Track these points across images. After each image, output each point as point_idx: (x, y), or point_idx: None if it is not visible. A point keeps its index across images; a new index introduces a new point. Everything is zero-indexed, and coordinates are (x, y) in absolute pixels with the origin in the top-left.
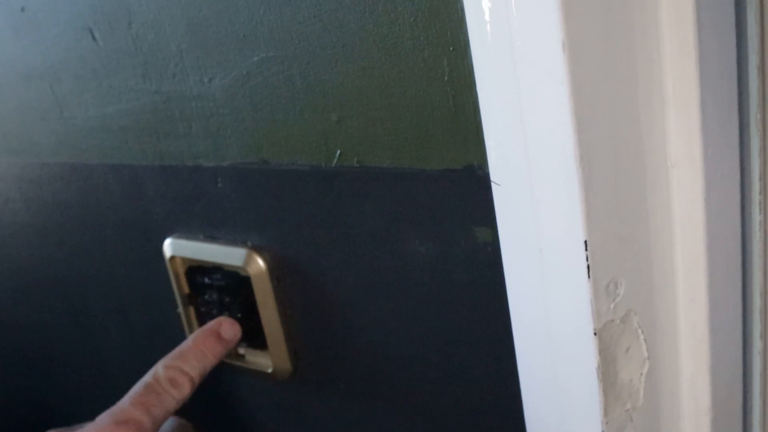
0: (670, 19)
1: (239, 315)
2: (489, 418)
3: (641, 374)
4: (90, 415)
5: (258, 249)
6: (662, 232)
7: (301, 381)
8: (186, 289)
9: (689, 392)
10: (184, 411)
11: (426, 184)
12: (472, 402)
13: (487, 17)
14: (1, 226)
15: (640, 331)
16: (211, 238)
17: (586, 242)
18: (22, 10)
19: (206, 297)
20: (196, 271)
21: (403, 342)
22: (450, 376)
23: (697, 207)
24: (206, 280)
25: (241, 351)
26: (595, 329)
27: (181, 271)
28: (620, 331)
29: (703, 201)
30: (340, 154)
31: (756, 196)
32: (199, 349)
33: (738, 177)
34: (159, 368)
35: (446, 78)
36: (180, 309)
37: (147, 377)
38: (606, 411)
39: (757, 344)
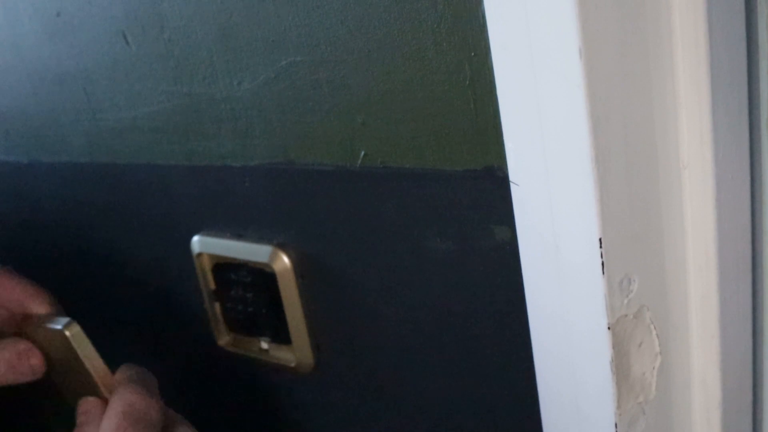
0: (683, 26)
1: (264, 310)
2: (506, 410)
3: (653, 368)
4: None
5: (283, 246)
6: (674, 231)
7: (322, 375)
8: (212, 285)
9: (700, 386)
10: (207, 403)
11: (447, 184)
12: (490, 395)
13: (507, 24)
14: (34, 224)
15: (652, 326)
16: (238, 235)
17: (600, 240)
18: (58, 14)
19: (232, 293)
20: (223, 267)
21: (423, 338)
22: (468, 370)
23: (708, 207)
24: (232, 277)
25: (265, 346)
26: (609, 324)
27: (208, 267)
28: (633, 326)
29: (714, 201)
30: (365, 155)
31: (767, 196)
32: None
33: (748, 178)
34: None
35: (468, 82)
36: (206, 304)
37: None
38: (619, 403)
39: None
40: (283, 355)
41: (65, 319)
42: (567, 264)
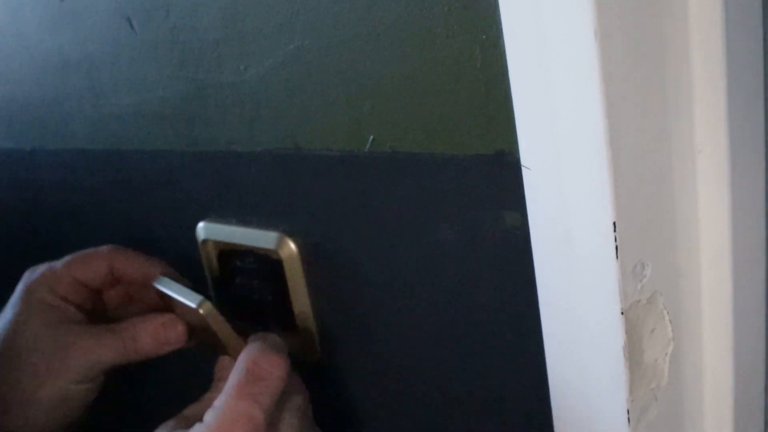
0: (699, 7)
1: (269, 298)
2: (515, 396)
3: (666, 354)
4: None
5: (289, 233)
6: (687, 216)
7: (328, 363)
8: (218, 272)
9: (712, 373)
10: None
11: (457, 169)
12: (499, 381)
13: (520, 6)
14: (37, 211)
15: (665, 312)
16: (244, 222)
17: (614, 224)
18: (62, 0)
19: (238, 280)
20: (229, 254)
21: (431, 324)
22: (478, 357)
23: (722, 192)
24: (238, 264)
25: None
26: (622, 309)
27: (213, 254)
28: (646, 312)
29: (729, 186)
30: (373, 140)
31: None
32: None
33: (764, 163)
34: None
35: (478, 65)
36: (211, 291)
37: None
38: (631, 390)
39: None
40: (289, 343)
41: (198, 297)
42: (579, 249)
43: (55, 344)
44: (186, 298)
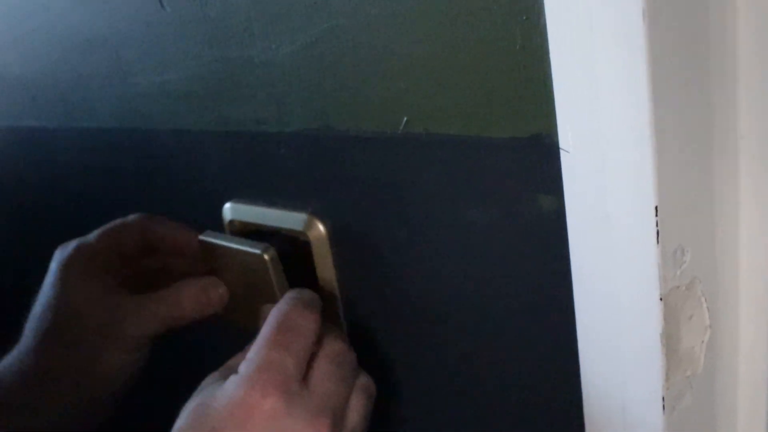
0: None
1: (296, 279)
2: (544, 383)
3: (702, 342)
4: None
5: (318, 214)
6: (728, 203)
7: (354, 346)
8: None
9: (747, 363)
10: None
11: (493, 152)
12: (528, 368)
13: None
14: (61, 189)
15: (703, 299)
16: (271, 203)
17: (656, 208)
18: None
19: None
20: (256, 235)
21: (462, 312)
22: (508, 342)
23: (764, 179)
24: None
25: None
26: (661, 295)
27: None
28: (685, 298)
29: None
30: (407, 121)
31: None
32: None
33: None
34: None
35: (518, 47)
36: None
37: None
38: (667, 376)
39: None
40: None
41: (260, 243)
42: (618, 233)
43: (104, 318)
44: (245, 245)
